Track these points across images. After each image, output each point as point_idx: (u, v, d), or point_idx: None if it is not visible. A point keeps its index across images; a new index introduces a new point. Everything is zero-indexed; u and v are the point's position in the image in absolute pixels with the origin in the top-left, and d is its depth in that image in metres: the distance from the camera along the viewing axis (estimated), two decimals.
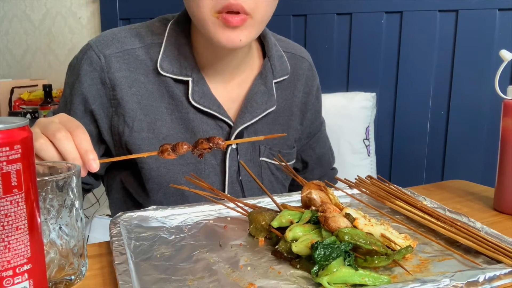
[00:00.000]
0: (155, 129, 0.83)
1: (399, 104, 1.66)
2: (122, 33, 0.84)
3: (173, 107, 0.84)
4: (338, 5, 1.69)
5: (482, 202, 0.81)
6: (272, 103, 0.90)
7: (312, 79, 1.01)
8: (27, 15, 2.46)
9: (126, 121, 0.82)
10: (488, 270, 0.50)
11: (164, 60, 0.82)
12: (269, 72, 0.90)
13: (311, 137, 1.04)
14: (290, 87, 0.95)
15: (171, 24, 0.86)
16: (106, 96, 0.82)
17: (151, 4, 2.07)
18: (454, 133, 1.58)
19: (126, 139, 0.83)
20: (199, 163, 0.85)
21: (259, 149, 0.91)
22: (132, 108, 0.82)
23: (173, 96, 0.84)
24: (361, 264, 0.51)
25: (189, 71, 0.83)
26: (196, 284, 0.49)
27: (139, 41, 0.84)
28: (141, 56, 0.83)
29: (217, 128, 0.86)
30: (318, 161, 1.06)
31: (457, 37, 1.53)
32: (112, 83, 0.81)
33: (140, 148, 0.83)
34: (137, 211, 0.68)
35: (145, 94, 0.83)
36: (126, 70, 0.82)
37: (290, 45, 1.00)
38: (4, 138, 0.40)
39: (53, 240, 0.49)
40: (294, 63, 0.97)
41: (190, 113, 0.84)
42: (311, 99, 1.00)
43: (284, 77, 0.93)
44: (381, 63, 1.67)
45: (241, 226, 0.66)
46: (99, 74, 0.81)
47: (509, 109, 0.74)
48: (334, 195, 0.65)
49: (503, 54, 0.73)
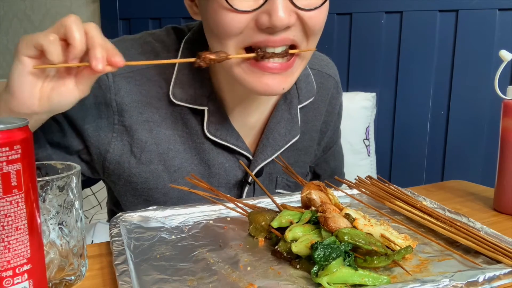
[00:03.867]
0: (167, 161, 0.75)
1: (399, 104, 1.66)
2: (136, 47, 0.75)
3: (187, 136, 0.76)
4: (338, 5, 1.68)
5: (482, 202, 0.81)
6: (296, 132, 0.81)
7: (337, 97, 0.92)
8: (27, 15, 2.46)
9: (133, 151, 0.74)
10: (488, 270, 0.50)
11: (176, 87, 0.73)
12: (295, 96, 0.81)
13: (326, 150, 0.97)
14: (313, 109, 0.87)
15: (186, 42, 0.76)
16: (108, 119, 0.73)
17: (151, 4, 2.06)
18: (454, 133, 1.58)
19: (131, 171, 0.75)
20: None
21: (276, 181, 0.84)
22: (142, 138, 0.74)
23: (187, 124, 0.75)
24: (361, 264, 0.51)
25: (204, 100, 0.74)
26: (196, 284, 0.49)
27: (154, 59, 0.74)
28: (155, 77, 0.74)
29: (234, 161, 0.78)
30: (331, 174, 0.99)
31: (457, 37, 1.53)
32: (119, 108, 0.73)
33: (148, 181, 0.76)
34: (137, 211, 0.68)
35: (157, 120, 0.74)
36: (137, 93, 0.73)
37: (316, 61, 0.90)
38: (4, 138, 0.40)
39: (53, 240, 0.49)
40: (320, 81, 0.88)
41: (206, 144, 0.76)
42: (332, 118, 0.92)
43: (309, 99, 0.84)
44: (381, 63, 1.67)
45: (241, 226, 0.65)
46: (103, 93, 0.73)
47: (509, 109, 0.74)
48: (334, 196, 0.65)
49: (503, 54, 0.73)
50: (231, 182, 0.79)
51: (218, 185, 0.78)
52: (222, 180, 0.78)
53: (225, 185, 0.79)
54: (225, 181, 0.79)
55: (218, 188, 0.77)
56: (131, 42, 0.76)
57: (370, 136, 1.64)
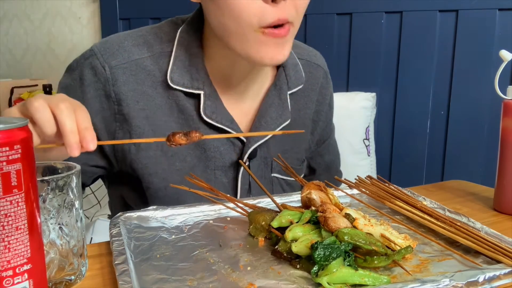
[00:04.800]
0: (164, 146, 0.79)
1: (399, 104, 1.66)
2: (129, 41, 0.79)
3: (183, 122, 0.80)
4: (338, 5, 1.69)
5: (482, 202, 0.81)
6: (287, 116, 0.86)
7: (327, 87, 0.97)
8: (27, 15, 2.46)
9: (132, 138, 0.78)
10: (488, 270, 0.50)
11: (174, 72, 0.77)
12: (284, 82, 0.86)
13: (320, 144, 1.00)
14: (303, 97, 0.91)
15: (182, 31, 0.80)
16: (110, 110, 0.77)
17: (151, 4, 2.07)
18: (454, 133, 1.58)
19: (132, 158, 0.79)
20: (208, 181, 0.80)
21: (271, 165, 0.88)
22: (139, 125, 0.78)
23: (183, 110, 0.79)
24: (361, 264, 0.51)
25: (200, 84, 0.78)
26: (196, 284, 0.49)
27: (147, 50, 0.78)
28: (149, 67, 0.78)
29: (229, 144, 0.82)
30: (326, 168, 1.03)
31: (457, 37, 1.53)
32: (117, 97, 0.77)
33: (147, 167, 0.79)
34: (137, 211, 0.68)
35: (153, 108, 0.78)
36: (133, 82, 0.77)
37: (305, 52, 0.95)
38: (4, 138, 0.40)
39: (53, 240, 0.49)
40: (309, 71, 0.92)
41: (201, 129, 0.80)
42: (324, 108, 0.97)
43: (298, 87, 0.89)
44: (381, 63, 1.67)
45: (241, 226, 0.66)
46: (103, 86, 0.76)
47: (509, 109, 0.74)
48: (334, 195, 0.65)
49: (503, 54, 0.73)
50: (227, 164, 0.83)
51: (215, 168, 0.82)
52: (218, 163, 0.82)
53: (221, 168, 0.83)
54: (221, 164, 0.83)
55: (214, 171, 0.82)
56: (126, 35, 0.81)
57: (370, 136, 1.64)
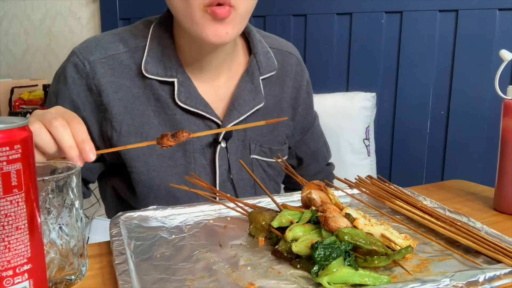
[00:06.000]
0: (143, 133, 0.84)
1: (399, 104, 1.66)
2: (106, 39, 0.85)
3: (160, 110, 0.84)
4: (338, 5, 1.69)
5: (482, 202, 0.81)
6: (260, 100, 0.89)
7: (301, 74, 1.00)
8: (27, 15, 2.46)
9: (113, 126, 0.82)
10: (488, 270, 0.50)
11: (148, 63, 0.82)
12: (256, 69, 0.90)
13: (304, 132, 1.04)
14: (278, 83, 0.95)
15: (154, 26, 0.86)
16: (94, 102, 0.82)
17: (151, 4, 2.06)
18: (454, 133, 1.58)
19: (115, 144, 0.83)
20: (189, 163, 0.85)
21: (249, 147, 0.91)
22: (119, 113, 0.82)
23: (159, 99, 0.84)
24: (361, 264, 0.51)
25: (174, 72, 0.83)
26: (196, 284, 0.49)
27: (123, 46, 0.84)
28: (125, 61, 0.83)
29: (206, 128, 0.86)
30: (313, 157, 1.06)
31: (457, 37, 1.53)
32: (98, 89, 0.82)
33: (129, 152, 0.83)
34: (137, 211, 0.68)
35: (131, 98, 0.83)
36: (111, 75, 0.82)
37: (276, 41, 0.99)
38: (4, 138, 0.40)
39: (53, 240, 0.49)
40: (281, 59, 0.96)
41: (178, 114, 0.84)
42: (301, 94, 1.00)
43: (271, 73, 0.92)
44: (381, 63, 1.67)
45: (241, 226, 0.66)
46: (85, 80, 0.82)
47: (509, 109, 0.74)
48: (334, 195, 0.65)
49: (503, 54, 0.73)
50: (204, 145, 0.87)
51: (193, 151, 0.86)
52: (196, 146, 0.86)
53: (199, 150, 0.87)
54: (199, 146, 0.87)
55: (193, 154, 0.86)
56: (103, 35, 0.86)
57: (370, 136, 1.64)
